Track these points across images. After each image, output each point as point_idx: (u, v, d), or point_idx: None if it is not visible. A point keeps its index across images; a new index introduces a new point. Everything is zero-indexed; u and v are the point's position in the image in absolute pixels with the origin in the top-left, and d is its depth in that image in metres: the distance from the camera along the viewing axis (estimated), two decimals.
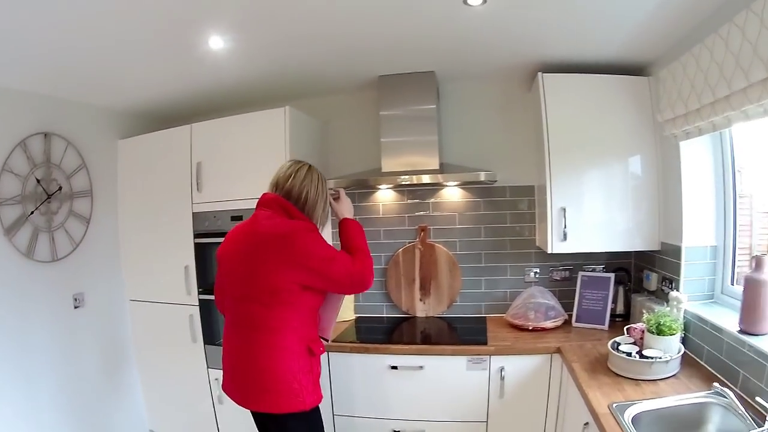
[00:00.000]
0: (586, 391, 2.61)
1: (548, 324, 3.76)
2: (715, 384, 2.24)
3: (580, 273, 4.00)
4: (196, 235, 4.03)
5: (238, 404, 2.65)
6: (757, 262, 2.51)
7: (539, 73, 3.59)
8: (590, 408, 2.47)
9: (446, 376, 3.52)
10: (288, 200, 2.68)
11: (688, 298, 3.06)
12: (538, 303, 3.88)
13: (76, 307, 3.86)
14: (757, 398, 2.13)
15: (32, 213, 3.50)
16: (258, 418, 2.72)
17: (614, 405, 2.38)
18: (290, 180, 2.71)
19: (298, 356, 2.58)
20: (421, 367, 3.53)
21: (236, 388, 2.64)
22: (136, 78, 3.60)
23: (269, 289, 2.50)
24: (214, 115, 4.08)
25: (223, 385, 2.76)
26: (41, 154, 3.58)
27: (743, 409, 2.12)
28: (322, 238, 2.66)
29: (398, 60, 3.64)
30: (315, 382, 2.65)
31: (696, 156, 3.12)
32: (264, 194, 2.74)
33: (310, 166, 2.81)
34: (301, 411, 2.55)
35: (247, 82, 3.88)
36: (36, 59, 3.01)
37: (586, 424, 2.58)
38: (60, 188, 3.72)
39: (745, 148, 2.93)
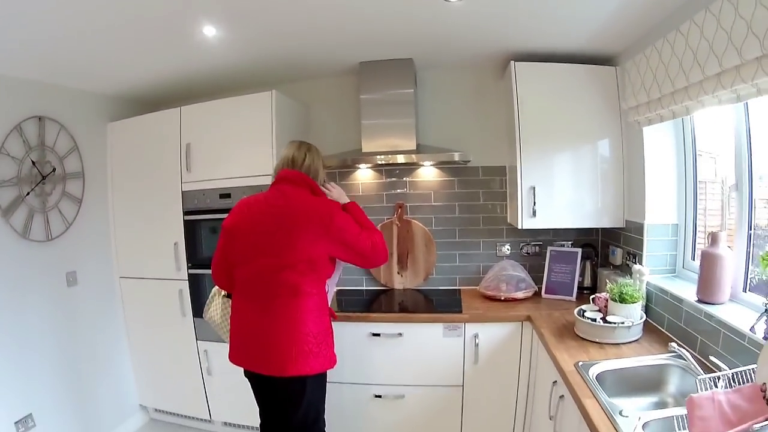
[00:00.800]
0: (554, 353, 2.81)
1: (519, 295, 3.96)
2: (671, 344, 2.41)
3: (549, 248, 4.21)
4: (186, 213, 4.12)
5: (260, 372, 2.76)
6: (713, 238, 2.71)
7: (512, 62, 3.73)
8: (558, 367, 2.67)
9: (424, 343, 3.69)
10: (309, 177, 2.89)
11: (650, 272, 3.28)
12: (510, 275, 4.07)
13: (69, 285, 3.93)
14: (711, 357, 2.32)
15: (28, 194, 3.55)
16: (273, 384, 2.80)
17: (580, 364, 2.58)
18: (306, 159, 2.92)
19: (326, 318, 2.84)
20: (400, 335, 3.70)
21: (260, 356, 2.74)
22: (125, 64, 3.65)
23: (307, 258, 2.70)
24: (199, 100, 4.13)
25: (234, 356, 2.87)
26: (36, 137, 3.63)
27: (700, 370, 2.29)
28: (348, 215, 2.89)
29: (378, 48, 3.75)
30: (333, 344, 2.90)
31: (658, 141, 3.33)
32: (286, 170, 2.89)
33: (314, 146, 3.04)
34: (326, 370, 2.82)
35: (234, 67, 3.95)
36: (30, 47, 3.07)
37: (555, 382, 2.79)
38: (54, 170, 3.77)
39: (718, 137, 3.04)
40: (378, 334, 3.73)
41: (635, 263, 3.44)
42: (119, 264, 4.47)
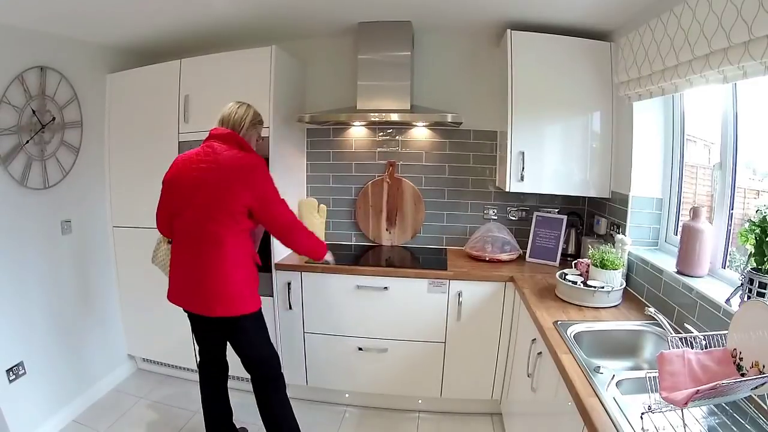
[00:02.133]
0: (534, 311, 2.92)
1: (504, 256, 4.06)
2: (648, 308, 2.49)
3: (536, 213, 4.30)
4: None
5: (193, 311, 3.08)
6: (695, 213, 2.81)
7: (508, 30, 3.74)
8: (537, 324, 2.78)
9: (408, 298, 3.79)
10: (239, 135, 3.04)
11: (633, 243, 3.38)
12: (495, 237, 4.17)
13: (63, 234, 3.94)
14: (686, 324, 2.44)
15: (27, 142, 3.54)
16: (210, 323, 3.10)
17: (558, 322, 2.69)
18: (233, 116, 3.08)
19: (250, 267, 3.06)
20: (385, 288, 3.80)
21: (192, 297, 3.02)
22: (127, 14, 3.59)
23: (230, 211, 2.88)
24: (199, 53, 4.13)
25: (172, 296, 3.13)
26: (37, 87, 3.60)
27: (675, 335, 2.40)
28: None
29: (378, 9, 3.76)
30: (258, 289, 3.14)
31: (648, 117, 3.40)
32: (217, 129, 3.06)
33: (246, 105, 3.16)
34: (251, 313, 3.04)
35: (234, 21, 3.93)
36: None
37: (534, 340, 2.89)
38: (53, 119, 3.76)
39: (712, 124, 3.01)
40: (363, 287, 3.83)
41: (619, 233, 3.52)
42: (113, 213, 4.47)
